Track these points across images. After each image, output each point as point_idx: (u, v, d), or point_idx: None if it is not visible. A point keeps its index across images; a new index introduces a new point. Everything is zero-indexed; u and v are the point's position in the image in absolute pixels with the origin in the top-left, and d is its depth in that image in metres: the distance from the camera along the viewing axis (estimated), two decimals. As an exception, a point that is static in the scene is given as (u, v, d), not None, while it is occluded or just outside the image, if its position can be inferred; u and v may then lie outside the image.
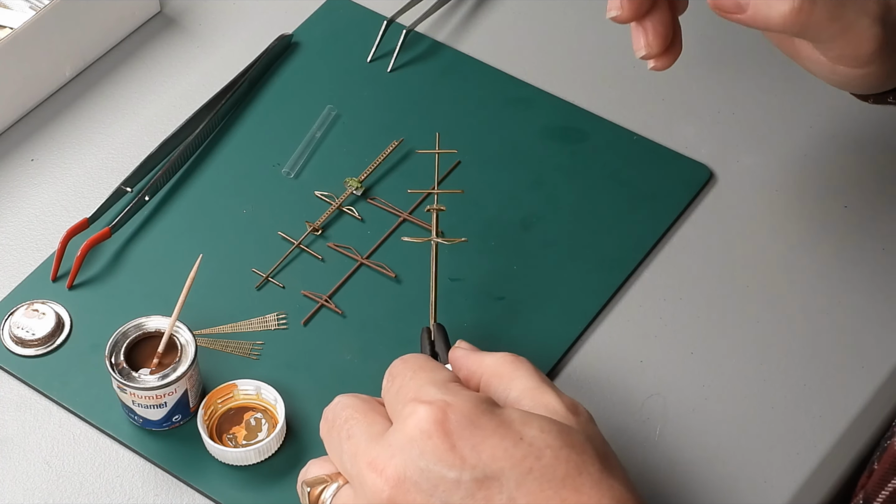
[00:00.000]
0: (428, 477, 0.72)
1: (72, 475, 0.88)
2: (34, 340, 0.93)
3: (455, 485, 0.72)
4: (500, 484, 0.72)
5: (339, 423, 0.76)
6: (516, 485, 0.72)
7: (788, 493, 0.87)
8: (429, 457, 0.72)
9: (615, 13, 0.84)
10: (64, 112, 1.05)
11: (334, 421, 0.77)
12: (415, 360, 0.78)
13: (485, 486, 0.72)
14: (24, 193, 1.01)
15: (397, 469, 0.72)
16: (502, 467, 0.72)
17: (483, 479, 0.72)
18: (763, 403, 0.90)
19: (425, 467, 0.72)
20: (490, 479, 0.72)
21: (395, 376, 0.77)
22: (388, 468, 0.72)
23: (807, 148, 1.03)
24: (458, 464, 0.72)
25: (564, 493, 0.72)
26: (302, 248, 0.97)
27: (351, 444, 0.75)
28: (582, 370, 0.92)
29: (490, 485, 0.72)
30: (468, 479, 0.72)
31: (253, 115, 1.05)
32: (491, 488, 0.72)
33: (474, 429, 0.73)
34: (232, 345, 0.93)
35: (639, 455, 0.88)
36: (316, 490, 0.77)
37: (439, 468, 0.72)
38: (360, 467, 0.73)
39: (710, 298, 0.95)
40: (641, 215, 0.99)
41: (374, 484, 0.73)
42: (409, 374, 0.77)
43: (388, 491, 0.72)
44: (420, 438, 0.72)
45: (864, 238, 0.98)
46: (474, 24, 1.11)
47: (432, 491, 0.72)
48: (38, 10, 1.02)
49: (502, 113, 1.05)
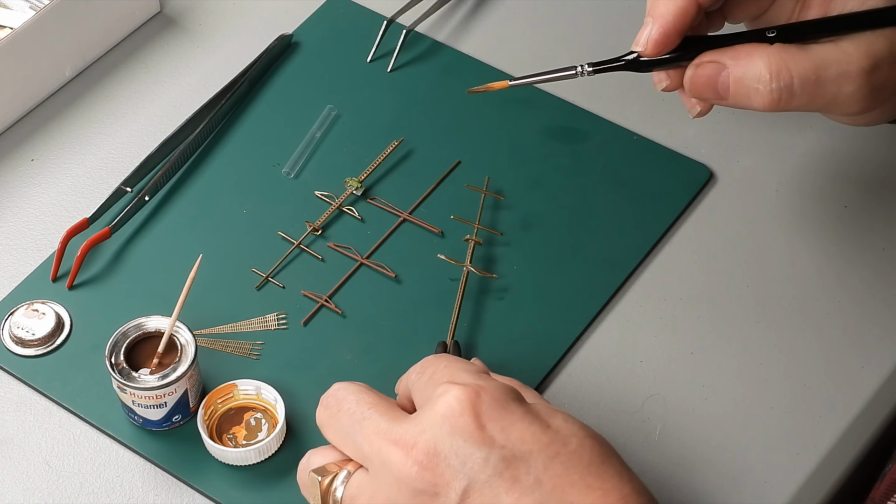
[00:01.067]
0: (457, 452, 0.73)
1: (72, 475, 0.88)
2: (34, 340, 0.93)
3: (483, 463, 0.73)
4: (528, 465, 0.73)
5: (348, 406, 0.77)
6: (543, 467, 0.73)
7: (788, 493, 0.87)
8: (459, 434, 0.74)
9: (663, 84, 0.88)
10: (64, 112, 1.05)
11: (340, 405, 0.78)
12: (447, 356, 0.81)
13: (512, 466, 0.73)
14: (24, 193, 1.01)
15: (427, 444, 0.74)
16: (530, 449, 0.74)
17: (511, 458, 0.73)
18: (763, 403, 0.91)
19: (455, 444, 0.73)
20: (518, 459, 0.73)
21: (427, 367, 0.79)
22: (419, 443, 0.74)
23: (807, 148, 1.03)
24: (487, 443, 0.73)
25: (589, 478, 0.74)
26: (302, 248, 0.97)
27: (369, 425, 0.76)
28: (582, 370, 0.92)
29: (517, 465, 0.73)
30: (496, 459, 0.73)
31: (253, 115, 1.05)
32: (518, 469, 0.73)
33: (504, 412, 0.75)
34: (232, 345, 0.93)
35: (639, 455, 0.88)
36: (326, 479, 0.77)
37: (469, 446, 0.73)
38: (382, 446, 0.75)
39: (710, 298, 0.95)
40: (641, 215, 0.99)
41: (400, 461, 0.74)
42: (442, 363, 0.79)
43: (416, 467, 0.73)
44: (451, 416, 0.74)
45: (864, 238, 0.98)
46: (474, 24, 1.11)
47: (460, 468, 0.73)
48: (38, 10, 1.02)
49: (502, 113, 1.05)
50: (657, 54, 0.86)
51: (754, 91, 0.84)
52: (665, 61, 0.86)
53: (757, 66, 0.84)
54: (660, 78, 0.88)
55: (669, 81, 0.88)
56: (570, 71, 0.87)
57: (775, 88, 0.84)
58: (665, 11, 0.85)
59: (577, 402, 0.91)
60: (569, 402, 0.91)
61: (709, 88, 0.86)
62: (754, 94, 0.85)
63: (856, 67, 0.84)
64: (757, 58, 0.84)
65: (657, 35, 0.85)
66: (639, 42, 0.86)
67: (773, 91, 0.84)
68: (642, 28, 0.86)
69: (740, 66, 0.85)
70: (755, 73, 0.84)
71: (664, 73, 0.88)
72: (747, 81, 0.85)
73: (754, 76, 0.84)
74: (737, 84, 0.85)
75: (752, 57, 0.84)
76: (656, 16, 0.85)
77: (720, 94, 0.86)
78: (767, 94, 0.84)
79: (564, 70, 0.87)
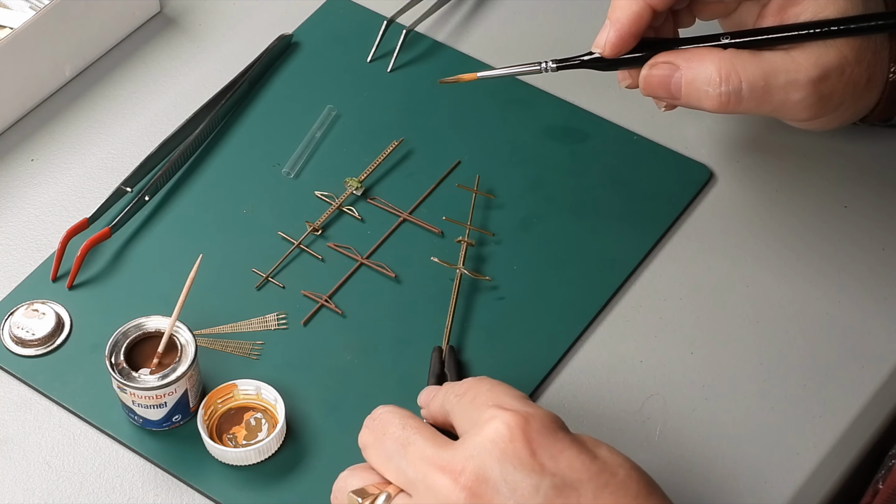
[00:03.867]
0: (507, 480, 0.73)
1: (72, 475, 0.88)
2: (34, 340, 0.93)
3: (534, 490, 0.72)
4: (578, 493, 0.73)
5: (393, 430, 0.76)
6: (594, 496, 0.73)
7: (788, 493, 0.87)
8: (510, 460, 0.73)
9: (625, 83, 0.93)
10: (64, 112, 1.05)
11: (386, 428, 0.77)
12: (488, 379, 0.79)
13: (563, 495, 0.73)
14: (24, 193, 1.01)
15: (476, 470, 0.73)
16: (580, 478, 0.73)
17: (562, 486, 0.73)
18: (763, 403, 0.91)
19: (505, 470, 0.73)
20: (568, 487, 0.73)
21: (468, 390, 0.78)
22: (467, 470, 0.73)
23: (807, 148, 1.03)
24: (538, 470, 0.73)
25: None
26: (302, 248, 0.97)
27: (414, 450, 0.75)
28: (582, 370, 0.92)
29: (568, 493, 0.73)
30: (547, 486, 0.73)
31: (253, 115, 1.05)
32: (569, 497, 0.73)
33: (554, 439, 0.74)
34: (232, 345, 0.93)
35: (639, 455, 0.88)
36: (367, 501, 0.76)
37: (519, 473, 0.73)
38: (428, 471, 0.74)
39: (710, 298, 0.95)
40: (641, 215, 0.99)
41: (447, 486, 0.73)
42: (485, 386, 0.78)
43: (464, 493, 0.73)
44: (501, 442, 0.73)
45: (864, 238, 0.98)
46: (474, 24, 1.11)
47: (510, 495, 0.72)
48: (38, 10, 1.02)
49: (502, 113, 1.05)
50: (615, 55, 0.90)
51: (704, 93, 0.88)
52: (624, 62, 0.91)
53: (708, 69, 0.88)
54: (623, 76, 0.93)
55: (631, 80, 0.92)
56: (534, 66, 0.92)
57: (724, 92, 0.87)
58: (621, 15, 0.89)
59: (577, 402, 0.91)
60: (569, 402, 0.91)
61: (662, 88, 0.90)
62: (704, 95, 0.88)
63: (804, 76, 0.87)
64: (708, 61, 0.88)
65: (614, 38, 0.89)
66: (598, 43, 0.90)
67: (721, 94, 0.88)
68: (601, 30, 0.90)
69: (692, 68, 0.88)
70: (706, 75, 0.88)
71: (626, 72, 0.92)
72: (698, 84, 0.88)
73: (705, 79, 0.88)
74: (688, 85, 0.88)
75: (703, 60, 0.88)
76: (613, 20, 0.89)
77: (672, 94, 0.89)
78: (716, 96, 0.88)
79: (530, 65, 0.92)
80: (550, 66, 0.91)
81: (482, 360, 0.92)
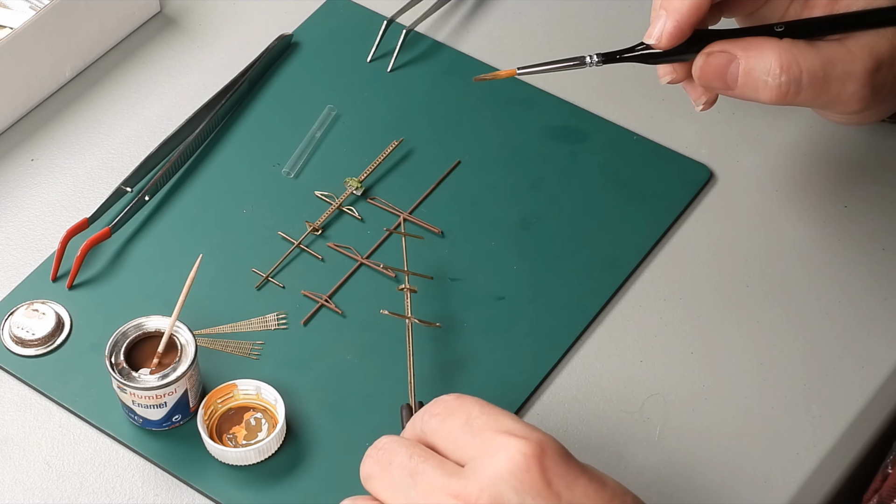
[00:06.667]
0: None
1: (72, 475, 0.88)
2: (34, 340, 0.93)
3: None
4: None
5: (400, 459, 0.74)
6: None
7: (788, 493, 0.87)
8: (527, 491, 0.72)
9: (668, 78, 0.90)
10: (64, 112, 1.05)
11: (391, 458, 0.75)
12: (471, 398, 0.77)
13: None
14: (24, 193, 1.01)
15: (492, 500, 0.71)
16: None
17: None
18: (763, 403, 0.91)
19: (522, 500, 0.72)
20: None
21: (454, 410, 0.76)
22: (483, 499, 0.71)
23: (807, 148, 1.03)
24: (554, 500, 0.72)
25: None
26: (302, 248, 0.97)
27: (424, 479, 0.73)
28: (582, 370, 0.92)
29: None
30: None
31: (253, 115, 1.05)
32: None
33: (567, 468, 0.73)
34: (232, 345, 0.93)
35: (639, 455, 0.88)
36: None
37: (536, 503, 0.72)
38: (441, 500, 0.72)
39: (710, 298, 0.95)
40: (641, 215, 0.99)
41: None
42: (475, 408, 0.75)
43: None
44: (517, 471, 0.72)
45: (864, 238, 0.98)
46: (474, 24, 1.11)
47: None
48: (38, 10, 1.02)
49: (502, 113, 1.05)
50: (671, 46, 0.86)
51: (763, 83, 0.85)
52: (674, 53, 0.87)
53: (767, 58, 0.85)
54: (665, 71, 0.89)
55: (675, 74, 0.89)
56: (577, 61, 0.88)
57: (784, 82, 0.85)
58: (680, 5, 0.85)
59: (578, 402, 0.91)
60: (569, 402, 0.91)
61: (718, 77, 0.87)
62: (763, 86, 0.85)
63: (860, 67, 0.85)
64: (768, 50, 0.85)
65: (671, 28, 0.86)
66: (651, 35, 0.86)
67: (781, 84, 0.85)
68: (654, 20, 0.86)
69: (751, 57, 0.85)
70: (765, 65, 0.85)
71: (671, 65, 0.89)
72: (756, 73, 0.85)
73: (764, 68, 0.85)
74: (746, 75, 0.86)
75: (762, 49, 0.85)
76: (671, 9, 0.86)
77: (728, 84, 0.87)
78: (776, 87, 0.85)
79: (572, 60, 0.88)
80: (595, 59, 0.87)
81: (482, 360, 0.92)
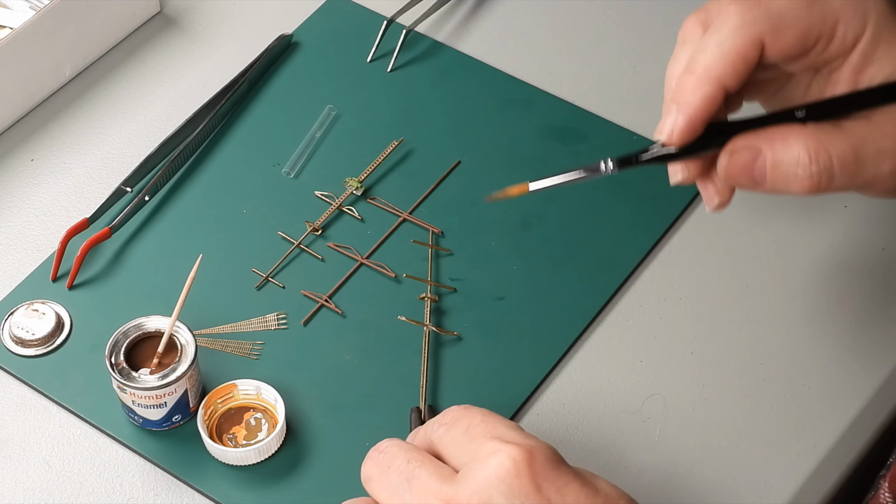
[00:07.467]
0: None
1: (72, 475, 0.88)
2: (34, 340, 0.93)
3: None
4: None
5: (398, 463, 0.75)
6: None
7: (788, 493, 0.87)
8: (516, 496, 0.72)
9: (679, 177, 0.82)
10: (64, 112, 1.05)
11: (390, 462, 0.76)
12: (476, 408, 0.78)
13: None
14: (24, 193, 1.01)
15: None
16: None
17: None
18: (763, 403, 0.91)
19: None
20: None
21: (458, 420, 0.77)
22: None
23: (807, 148, 1.03)
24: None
25: None
26: (302, 248, 0.97)
27: (418, 484, 0.74)
28: (582, 370, 0.92)
29: None
30: None
31: (253, 115, 1.05)
32: None
33: (558, 473, 0.73)
34: (232, 345, 0.93)
35: (639, 455, 0.88)
36: None
37: None
38: None
39: (710, 298, 0.95)
40: (641, 215, 0.99)
41: None
42: (477, 417, 0.76)
43: None
44: (507, 477, 0.72)
45: (864, 238, 0.98)
46: (474, 24, 1.11)
47: None
48: (38, 10, 1.02)
49: (502, 113, 1.05)
50: (683, 143, 0.80)
51: (793, 176, 0.79)
52: (692, 150, 0.80)
53: (794, 148, 0.79)
54: (675, 170, 0.82)
55: (687, 173, 0.82)
56: (591, 170, 0.81)
57: (815, 172, 0.79)
58: (692, 99, 0.79)
59: (578, 402, 0.91)
60: (569, 402, 0.91)
61: (745, 175, 0.80)
62: (793, 178, 0.79)
63: (892, 143, 0.79)
64: (793, 140, 0.79)
65: (683, 123, 0.79)
66: (662, 130, 0.80)
67: (812, 175, 0.79)
68: (665, 116, 0.80)
69: (776, 149, 0.79)
70: (793, 156, 0.79)
71: (679, 164, 0.82)
72: (785, 166, 0.79)
73: (792, 160, 0.79)
74: (774, 169, 0.79)
75: (787, 140, 0.79)
76: (682, 103, 0.79)
77: (756, 180, 0.80)
78: (807, 178, 0.79)
79: (586, 169, 0.81)
80: (610, 167, 0.80)
81: (482, 360, 0.92)
